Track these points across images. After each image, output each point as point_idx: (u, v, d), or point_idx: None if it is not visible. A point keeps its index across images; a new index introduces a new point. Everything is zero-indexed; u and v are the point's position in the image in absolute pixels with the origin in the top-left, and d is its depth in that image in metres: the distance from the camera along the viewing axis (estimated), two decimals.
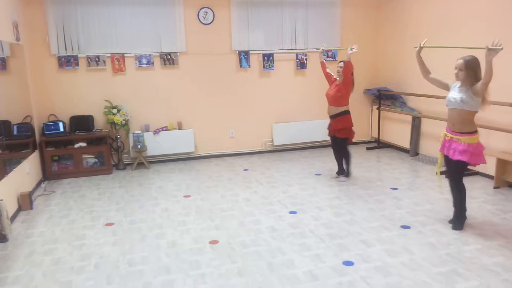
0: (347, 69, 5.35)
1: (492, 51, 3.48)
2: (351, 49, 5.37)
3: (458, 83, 3.89)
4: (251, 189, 5.49)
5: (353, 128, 5.68)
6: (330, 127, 5.76)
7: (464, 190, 4.03)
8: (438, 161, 4.23)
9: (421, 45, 4.14)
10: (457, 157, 3.84)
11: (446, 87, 4.04)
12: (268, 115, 7.48)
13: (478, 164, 3.93)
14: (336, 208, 4.71)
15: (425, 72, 4.20)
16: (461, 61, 3.77)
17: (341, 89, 5.48)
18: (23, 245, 3.98)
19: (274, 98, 7.46)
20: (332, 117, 5.65)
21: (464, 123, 3.83)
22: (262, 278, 3.26)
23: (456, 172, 4.01)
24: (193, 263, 3.53)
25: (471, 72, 3.74)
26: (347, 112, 5.59)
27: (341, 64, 5.45)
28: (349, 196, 5.10)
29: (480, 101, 3.76)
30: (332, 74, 5.77)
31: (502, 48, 3.43)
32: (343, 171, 5.88)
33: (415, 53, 4.19)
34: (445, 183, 5.49)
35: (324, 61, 5.90)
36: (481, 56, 3.69)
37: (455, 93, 3.86)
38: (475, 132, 3.86)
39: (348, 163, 5.78)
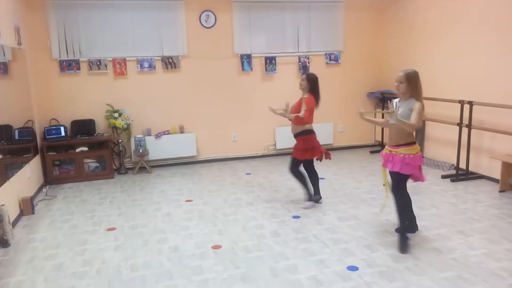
0: None
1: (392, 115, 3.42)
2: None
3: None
4: (254, 193, 5.45)
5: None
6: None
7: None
8: None
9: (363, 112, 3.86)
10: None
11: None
12: (271, 119, 7.42)
13: None
14: (340, 212, 4.67)
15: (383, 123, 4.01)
16: (401, 73, 3.67)
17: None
18: (25, 250, 3.95)
19: (276, 101, 7.36)
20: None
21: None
22: (265, 283, 3.23)
23: None
24: (195, 268, 3.50)
25: (413, 84, 3.62)
26: None
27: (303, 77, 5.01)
28: (353, 200, 5.06)
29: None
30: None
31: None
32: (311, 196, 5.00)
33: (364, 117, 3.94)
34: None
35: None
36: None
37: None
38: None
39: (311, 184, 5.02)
